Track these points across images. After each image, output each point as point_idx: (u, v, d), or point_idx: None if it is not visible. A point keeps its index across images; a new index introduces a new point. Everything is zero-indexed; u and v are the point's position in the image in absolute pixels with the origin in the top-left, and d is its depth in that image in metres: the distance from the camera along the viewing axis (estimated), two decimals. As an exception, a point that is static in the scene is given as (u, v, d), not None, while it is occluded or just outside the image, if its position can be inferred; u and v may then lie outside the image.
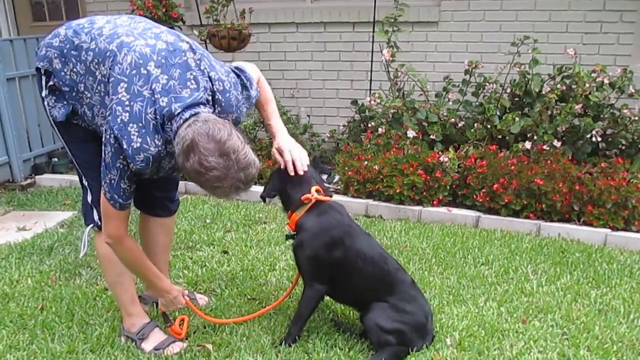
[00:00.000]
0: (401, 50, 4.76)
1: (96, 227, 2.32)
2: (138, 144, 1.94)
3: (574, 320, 2.62)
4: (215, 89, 2.08)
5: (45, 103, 2.21)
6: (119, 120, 1.94)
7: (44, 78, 2.17)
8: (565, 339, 2.47)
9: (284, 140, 2.39)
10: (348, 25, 5.32)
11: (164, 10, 4.96)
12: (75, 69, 2.09)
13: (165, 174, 2.22)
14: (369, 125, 4.74)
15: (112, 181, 2.03)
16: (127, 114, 1.93)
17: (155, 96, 1.95)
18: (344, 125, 5.27)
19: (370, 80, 5.08)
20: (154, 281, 2.33)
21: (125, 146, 1.94)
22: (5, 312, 2.67)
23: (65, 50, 2.10)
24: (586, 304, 2.78)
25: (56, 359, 2.31)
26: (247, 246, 3.51)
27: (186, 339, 2.44)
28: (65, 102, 2.17)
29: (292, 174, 2.32)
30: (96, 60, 2.03)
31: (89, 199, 2.31)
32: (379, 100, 4.69)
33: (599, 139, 4.19)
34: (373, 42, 4.96)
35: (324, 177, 4.71)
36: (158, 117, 1.96)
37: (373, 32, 4.91)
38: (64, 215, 4.08)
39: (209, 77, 2.07)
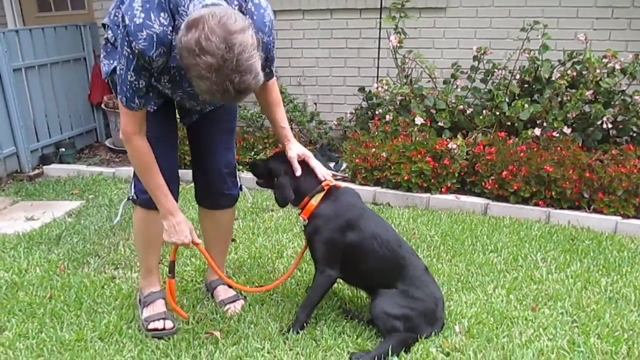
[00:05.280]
0: (409, 37, 4.71)
1: (131, 200, 2.40)
2: (141, 20, 1.87)
3: (584, 308, 2.59)
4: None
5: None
6: (127, 1, 1.94)
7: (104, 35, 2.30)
8: (575, 326, 2.45)
9: (299, 147, 2.43)
10: (355, 12, 5.27)
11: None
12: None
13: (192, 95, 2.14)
14: (377, 112, 4.71)
15: (121, 71, 2.00)
16: None
17: None
18: (351, 113, 5.24)
19: (378, 67, 5.04)
20: (158, 196, 2.18)
21: (127, 22, 1.88)
22: (14, 301, 2.69)
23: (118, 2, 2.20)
24: (596, 292, 2.76)
25: (65, 347, 2.31)
26: (255, 234, 3.50)
27: (185, 323, 2.45)
28: (110, 60, 2.25)
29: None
30: None
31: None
32: (386, 87, 4.65)
33: (610, 125, 4.13)
34: (380, 28, 4.91)
35: (332, 164, 4.69)
36: None
37: (380, 18, 4.86)
38: (72, 205, 4.09)
39: None
